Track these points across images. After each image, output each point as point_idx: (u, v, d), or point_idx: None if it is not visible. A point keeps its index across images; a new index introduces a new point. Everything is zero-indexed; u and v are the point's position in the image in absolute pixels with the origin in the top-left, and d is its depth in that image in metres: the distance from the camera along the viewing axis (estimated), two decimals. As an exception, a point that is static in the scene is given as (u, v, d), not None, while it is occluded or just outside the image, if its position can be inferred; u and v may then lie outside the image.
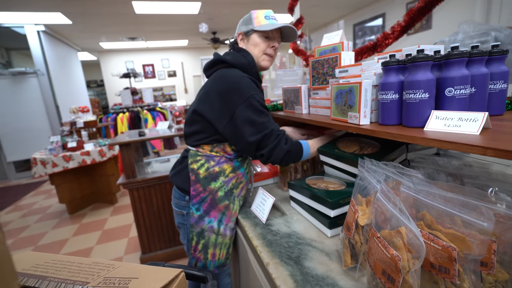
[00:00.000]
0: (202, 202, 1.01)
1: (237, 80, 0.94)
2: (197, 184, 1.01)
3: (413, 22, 1.45)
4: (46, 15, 4.33)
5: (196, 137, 1.03)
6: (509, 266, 0.47)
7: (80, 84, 6.62)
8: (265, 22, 1.02)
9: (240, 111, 0.91)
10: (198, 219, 1.02)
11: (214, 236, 1.03)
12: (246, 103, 0.91)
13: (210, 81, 1.01)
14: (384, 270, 0.48)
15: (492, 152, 0.46)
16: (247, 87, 0.93)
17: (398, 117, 0.73)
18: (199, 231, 1.02)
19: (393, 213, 0.50)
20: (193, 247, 1.03)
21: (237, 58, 1.01)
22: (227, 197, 1.03)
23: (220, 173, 1.01)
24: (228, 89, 0.93)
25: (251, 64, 1.02)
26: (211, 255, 1.04)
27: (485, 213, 0.42)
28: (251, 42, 1.05)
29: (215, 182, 1.01)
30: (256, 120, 0.92)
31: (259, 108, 0.93)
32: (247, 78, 0.96)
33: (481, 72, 0.65)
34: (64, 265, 0.56)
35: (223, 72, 0.98)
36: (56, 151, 2.93)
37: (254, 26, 1.02)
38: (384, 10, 5.30)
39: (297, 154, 0.98)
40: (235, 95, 0.92)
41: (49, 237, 2.68)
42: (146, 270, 0.52)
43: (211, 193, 1.01)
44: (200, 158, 1.02)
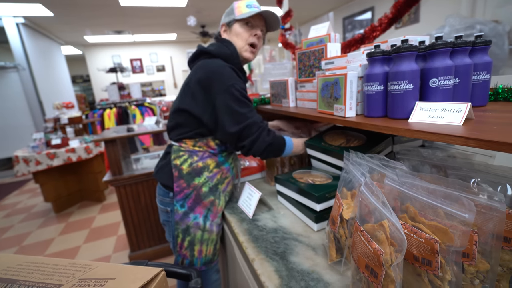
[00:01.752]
0: (186, 198, 0.99)
1: (218, 69, 0.93)
2: (181, 180, 0.98)
3: (400, 14, 1.45)
4: (25, 6, 4.13)
5: (178, 131, 1.01)
6: (490, 257, 0.47)
7: (64, 79, 6.40)
8: (246, 10, 1.01)
9: (220, 100, 0.91)
10: (182, 216, 0.99)
11: (200, 233, 1.01)
12: (226, 91, 0.90)
13: (191, 72, 1.00)
14: (367, 264, 0.48)
15: (474, 142, 0.46)
16: (228, 76, 0.92)
17: (383, 109, 0.72)
18: (184, 228, 1.00)
19: (376, 206, 0.49)
20: (179, 244, 1.02)
21: (219, 49, 1.00)
22: (212, 192, 1.01)
23: (204, 168, 1.00)
24: (209, 77, 0.92)
25: (233, 55, 1.01)
26: (197, 252, 1.02)
27: (466, 205, 0.42)
28: (233, 32, 1.03)
29: (199, 177, 0.99)
30: (237, 110, 0.91)
31: (239, 98, 0.92)
32: (228, 67, 0.95)
33: (464, 63, 0.65)
34: (38, 267, 0.53)
35: (204, 62, 0.97)
36: (40, 148, 2.84)
37: (235, 15, 1.02)
38: (373, 3, 5.31)
39: (279, 148, 0.97)
40: (215, 83, 0.91)
41: (34, 237, 2.61)
42: (125, 270, 0.50)
43: (195, 189, 0.99)
44: (183, 154, 1.00)
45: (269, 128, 0.97)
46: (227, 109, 0.91)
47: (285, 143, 0.98)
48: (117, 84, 4.75)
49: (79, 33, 6.18)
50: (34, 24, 5.05)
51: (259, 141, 0.92)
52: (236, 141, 0.94)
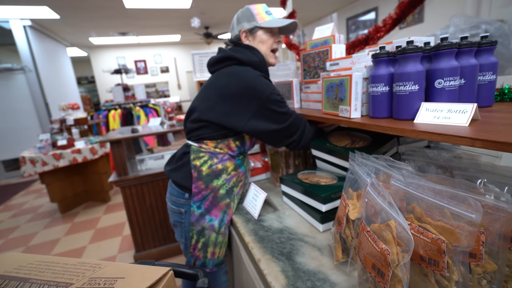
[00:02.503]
0: (203, 199, 0.99)
1: (255, 80, 0.93)
2: (200, 181, 0.99)
3: (404, 15, 1.45)
4: (32, 9, 4.20)
5: (200, 132, 1.00)
6: (497, 257, 0.47)
7: (70, 80, 6.48)
8: (268, 18, 1.02)
9: (263, 109, 0.93)
10: (199, 217, 0.99)
11: (214, 235, 1.01)
12: (268, 100, 0.92)
13: (222, 78, 0.98)
14: (374, 264, 0.48)
15: (480, 143, 0.46)
16: (266, 85, 0.93)
17: (388, 109, 0.72)
18: (200, 229, 1.00)
19: (382, 206, 0.49)
20: (193, 245, 1.02)
21: (248, 56, 1.00)
22: (228, 195, 1.02)
23: (223, 170, 1.00)
24: (249, 91, 0.92)
25: (262, 62, 1.02)
26: (210, 253, 1.03)
27: (473, 205, 0.42)
28: (257, 39, 1.04)
29: (218, 179, 1.00)
30: (281, 111, 0.94)
31: (280, 101, 0.95)
32: (261, 76, 0.95)
33: (470, 64, 0.65)
34: (49, 266, 0.54)
35: (237, 71, 0.96)
36: (46, 149, 2.87)
37: (258, 22, 1.01)
38: (377, 3, 5.29)
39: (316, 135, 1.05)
40: (256, 95, 0.92)
41: (41, 237, 2.64)
42: (134, 270, 0.51)
43: (213, 191, 1.00)
44: (203, 155, 1.00)
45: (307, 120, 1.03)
46: (272, 114, 0.94)
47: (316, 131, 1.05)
48: (122, 85, 4.79)
49: (84, 35, 6.26)
50: (40, 26, 5.12)
51: (306, 132, 1.00)
52: (285, 138, 0.98)
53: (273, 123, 0.94)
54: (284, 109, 0.95)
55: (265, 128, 0.94)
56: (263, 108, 0.93)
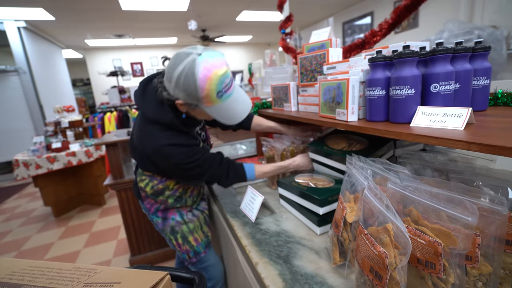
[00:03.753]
0: (157, 211, 1.10)
1: (158, 150, 0.89)
2: (148, 198, 1.09)
3: (400, 20, 1.47)
4: (27, 10, 4.16)
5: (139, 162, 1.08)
6: (493, 259, 0.47)
7: (65, 82, 6.42)
8: (218, 102, 0.81)
9: (175, 173, 0.98)
10: (163, 222, 1.10)
11: (185, 226, 1.11)
12: (175, 169, 0.93)
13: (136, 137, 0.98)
14: (372, 267, 0.48)
15: (476, 147, 0.47)
16: (168, 158, 0.89)
17: (385, 113, 0.73)
18: (170, 230, 1.10)
19: (380, 209, 0.49)
20: (176, 244, 1.11)
21: (156, 116, 0.88)
22: (178, 201, 1.11)
23: (164, 189, 1.07)
24: (155, 159, 0.94)
25: (174, 123, 0.88)
26: (194, 240, 1.11)
27: (469, 208, 0.43)
28: (196, 112, 0.90)
29: (162, 195, 1.08)
30: (191, 174, 0.95)
31: (188, 168, 0.92)
32: (166, 147, 0.88)
33: (465, 68, 0.66)
34: (42, 271, 0.53)
35: (143, 135, 0.92)
36: (40, 152, 2.83)
37: (202, 105, 0.82)
38: (373, 8, 5.36)
39: (240, 180, 1.06)
40: (162, 163, 0.94)
41: (34, 241, 2.60)
42: (130, 274, 0.50)
43: (163, 203, 1.09)
44: (145, 178, 1.07)
45: (228, 168, 1.02)
46: (183, 176, 0.99)
47: (245, 176, 1.05)
48: (118, 87, 4.77)
49: (80, 36, 6.22)
50: (35, 28, 5.08)
51: (221, 184, 1.03)
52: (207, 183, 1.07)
53: (189, 180, 1.05)
54: (194, 171, 0.94)
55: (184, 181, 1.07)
56: (175, 172, 0.97)
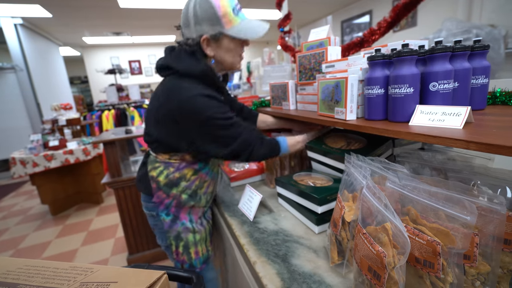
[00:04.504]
0: (169, 207, 0.98)
1: (188, 102, 0.81)
2: (159, 191, 0.97)
3: (398, 18, 1.47)
4: (24, 7, 4.12)
5: (153, 145, 0.97)
6: (491, 259, 0.47)
7: (62, 80, 6.38)
8: (237, 20, 0.84)
9: (201, 133, 0.85)
10: (171, 223, 0.99)
11: (191, 235, 1.01)
12: (205, 124, 0.83)
13: (161, 94, 0.88)
14: (370, 267, 0.48)
15: (474, 146, 0.46)
16: (202, 108, 0.81)
17: (384, 112, 0.73)
18: (176, 235, 0.99)
19: (378, 208, 0.49)
20: (175, 251, 1.01)
21: (188, 67, 0.85)
22: (192, 198, 1.00)
23: (181, 178, 0.96)
24: (182, 114, 0.83)
25: (205, 73, 0.86)
26: (194, 253, 1.03)
27: (468, 207, 0.42)
28: (223, 48, 0.87)
29: (177, 187, 0.96)
30: (222, 135, 0.85)
31: (221, 124, 0.84)
32: (199, 96, 0.82)
33: (463, 67, 0.65)
34: (38, 270, 0.52)
35: (172, 87, 0.85)
36: (37, 150, 2.82)
37: (224, 28, 0.83)
38: (371, 7, 5.35)
39: (274, 153, 0.97)
40: (190, 120, 0.83)
41: (31, 239, 2.58)
42: (127, 273, 0.50)
43: (175, 198, 0.98)
44: (159, 165, 0.96)
45: (261, 136, 0.95)
46: (211, 138, 0.85)
47: (279, 148, 0.98)
48: (116, 85, 4.74)
49: (77, 34, 6.17)
50: (32, 25, 5.03)
51: (253, 155, 0.91)
52: (231, 159, 0.93)
53: (218, 147, 0.87)
54: (228, 132, 0.85)
55: (209, 151, 0.88)
56: (203, 132, 0.84)
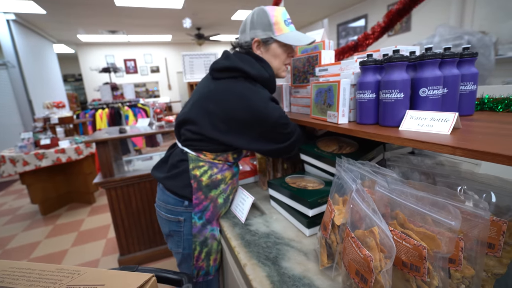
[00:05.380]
0: (205, 210, 0.96)
1: (265, 106, 0.86)
2: (199, 191, 0.94)
3: (392, 23, 1.49)
4: (17, 3, 4.06)
5: (198, 144, 0.95)
6: (475, 262, 0.48)
7: (56, 78, 6.30)
8: (286, 30, 0.92)
9: (268, 132, 0.90)
10: (201, 228, 0.96)
11: (216, 243, 1.00)
12: (274, 125, 0.88)
13: (227, 97, 0.88)
14: (358, 270, 0.48)
15: (461, 152, 0.47)
16: (274, 111, 0.87)
17: (375, 116, 0.73)
18: (203, 240, 0.97)
19: (366, 213, 0.50)
20: (196, 256, 0.98)
21: (259, 71, 0.91)
22: (225, 203, 1.01)
23: (221, 180, 0.97)
24: (257, 117, 0.86)
25: (271, 78, 0.95)
26: (213, 260, 1.01)
27: (452, 212, 0.43)
28: (271, 52, 0.95)
29: (216, 189, 0.97)
30: (284, 132, 0.91)
31: (285, 123, 0.90)
32: (270, 101, 0.89)
33: (452, 74, 0.67)
34: (24, 273, 0.51)
35: (245, 94, 0.87)
36: (28, 148, 2.77)
37: (274, 34, 0.91)
38: (367, 11, 5.42)
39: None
40: (263, 122, 0.87)
41: (19, 239, 2.54)
42: (114, 276, 0.49)
43: (212, 201, 0.97)
44: (203, 164, 0.94)
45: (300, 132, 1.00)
46: (276, 137, 0.91)
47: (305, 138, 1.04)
48: (110, 84, 4.69)
49: (72, 31, 6.10)
50: (25, 21, 4.96)
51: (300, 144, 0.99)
52: (284, 154, 0.97)
53: (275, 143, 0.92)
54: (288, 129, 0.92)
55: (266, 148, 0.93)
56: (268, 132, 0.89)
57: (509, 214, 0.50)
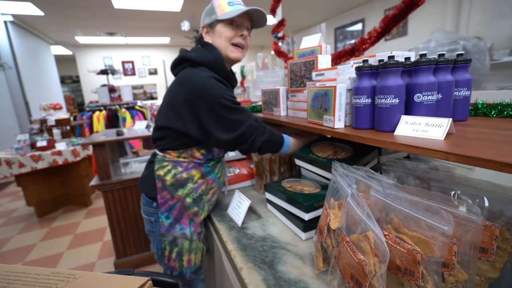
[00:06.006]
0: (171, 209, 0.97)
1: (203, 83, 0.88)
2: (164, 191, 0.96)
3: (388, 29, 1.50)
4: (14, 4, 4.05)
5: (162, 142, 0.98)
6: (468, 267, 0.49)
7: (53, 79, 6.28)
8: (229, 9, 0.93)
9: (211, 113, 0.88)
10: (169, 227, 0.97)
11: (187, 243, 0.99)
12: (215, 104, 0.87)
13: (175, 85, 0.94)
14: (352, 274, 0.49)
15: (454, 157, 0.48)
16: (214, 88, 0.87)
17: (370, 121, 0.74)
18: (172, 239, 0.98)
19: (361, 217, 0.50)
20: (167, 256, 0.99)
21: (202, 55, 0.94)
22: (197, 203, 1.00)
23: (188, 179, 0.97)
24: (195, 94, 0.88)
25: (217, 60, 0.95)
26: (186, 261, 1.01)
27: (445, 217, 0.44)
28: (216, 34, 0.96)
29: (183, 188, 0.97)
30: (230, 118, 0.88)
31: (230, 106, 0.88)
32: (212, 78, 0.89)
33: (447, 79, 0.68)
34: (19, 277, 0.51)
35: (187, 74, 0.91)
36: (24, 150, 2.75)
37: (217, 15, 0.94)
38: (364, 15, 5.47)
39: (276, 145, 0.97)
40: (202, 99, 0.87)
41: (14, 242, 2.51)
42: (110, 280, 0.49)
43: (180, 200, 0.97)
44: (167, 164, 0.97)
45: (265, 126, 0.97)
46: (219, 120, 0.88)
47: (282, 141, 0.99)
48: (108, 86, 4.68)
49: (70, 33, 6.09)
50: (23, 22, 4.95)
51: (256, 142, 0.93)
52: (234, 146, 0.93)
53: (224, 131, 0.90)
54: (235, 116, 0.89)
55: (217, 136, 0.90)
56: (212, 112, 0.87)
57: (501, 219, 0.51)
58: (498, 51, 3.19)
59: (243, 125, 0.90)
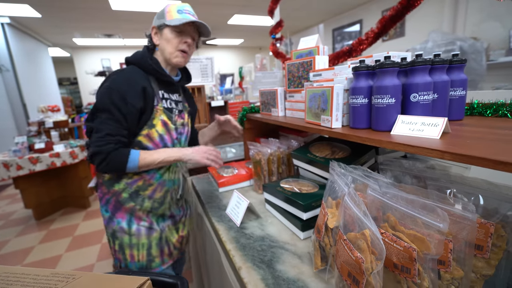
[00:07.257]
0: (107, 203, 1.03)
1: (103, 85, 0.96)
2: (102, 186, 1.03)
3: (385, 29, 1.51)
4: (11, 6, 4.04)
5: None
6: (464, 264, 0.49)
7: (51, 81, 6.26)
8: (177, 16, 0.99)
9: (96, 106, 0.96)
10: (108, 220, 1.04)
11: (127, 237, 1.03)
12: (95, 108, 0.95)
13: None
14: (350, 272, 0.49)
15: (449, 156, 0.49)
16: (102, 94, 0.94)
17: (367, 121, 0.75)
18: (112, 232, 1.04)
19: (358, 216, 0.51)
20: (112, 248, 1.06)
21: (136, 54, 1.04)
22: (133, 198, 1.02)
23: (124, 175, 1.01)
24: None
25: (143, 59, 1.01)
26: (129, 256, 1.04)
27: (441, 215, 0.44)
28: (163, 37, 1.02)
29: (118, 184, 1.01)
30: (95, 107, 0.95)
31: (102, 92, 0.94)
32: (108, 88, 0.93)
33: (442, 79, 0.69)
34: (18, 278, 0.51)
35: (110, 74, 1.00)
36: (22, 152, 2.74)
37: (166, 20, 1.00)
38: (361, 16, 5.50)
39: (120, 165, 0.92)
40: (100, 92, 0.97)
41: (13, 245, 2.50)
42: (110, 280, 0.49)
43: (115, 195, 1.02)
44: None
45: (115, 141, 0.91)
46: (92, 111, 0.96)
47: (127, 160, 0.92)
48: (106, 88, 4.68)
49: (67, 35, 6.09)
50: (20, 24, 4.94)
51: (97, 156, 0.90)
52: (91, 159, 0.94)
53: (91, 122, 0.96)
54: (92, 125, 0.93)
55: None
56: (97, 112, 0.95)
57: (496, 217, 0.51)
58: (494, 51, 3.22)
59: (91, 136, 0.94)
